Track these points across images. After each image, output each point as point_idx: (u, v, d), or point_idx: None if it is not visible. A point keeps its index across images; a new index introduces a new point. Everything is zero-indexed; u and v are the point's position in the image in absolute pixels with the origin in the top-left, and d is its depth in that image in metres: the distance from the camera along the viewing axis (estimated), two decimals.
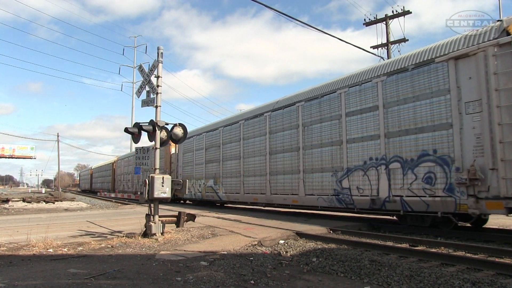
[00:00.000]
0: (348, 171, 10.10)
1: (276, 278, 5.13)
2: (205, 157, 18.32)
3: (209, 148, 18.10)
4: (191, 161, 19.93)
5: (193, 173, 19.38)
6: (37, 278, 4.59)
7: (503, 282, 4.32)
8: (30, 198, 28.95)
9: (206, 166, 18.17)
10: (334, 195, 10.50)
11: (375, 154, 9.41)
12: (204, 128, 19.73)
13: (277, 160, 12.97)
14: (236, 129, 15.83)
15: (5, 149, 60.93)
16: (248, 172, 14.67)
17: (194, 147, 19.71)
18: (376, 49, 23.52)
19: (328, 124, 10.96)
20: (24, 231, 8.45)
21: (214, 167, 17.38)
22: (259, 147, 14.06)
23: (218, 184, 16.84)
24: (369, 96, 9.75)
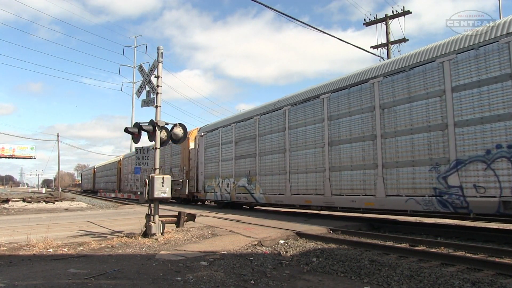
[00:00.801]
0: (458, 164, 7.67)
1: (276, 278, 5.13)
2: (235, 152, 15.58)
3: (240, 141, 15.33)
4: (215, 157, 17.34)
5: (219, 171, 16.82)
6: (37, 278, 4.59)
7: (503, 282, 4.32)
8: (30, 198, 28.95)
9: (236, 163, 15.47)
10: (435, 195, 8.03)
11: (507, 140, 6.96)
12: (233, 118, 16.80)
13: (341, 152, 10.39)
14: (278, 117, 13.11)
15: (5, 149, 60.95)
16: (297, 168, 12.04)
17: (219, 140, 16.98)
18: (376, 49, 23.54)
19: (423, 103, 8.41)
20: (24, 231, 8.45)
21: (247, 163, 14.70)
22: (312, 137, 11.42)
23: (254, 183, 14.14)
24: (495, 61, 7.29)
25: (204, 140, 18.52)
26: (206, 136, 18.37)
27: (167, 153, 23.55)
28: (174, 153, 22.89)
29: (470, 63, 7.68)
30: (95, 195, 44.15)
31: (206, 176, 18.06)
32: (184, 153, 21.42)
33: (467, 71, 7.72)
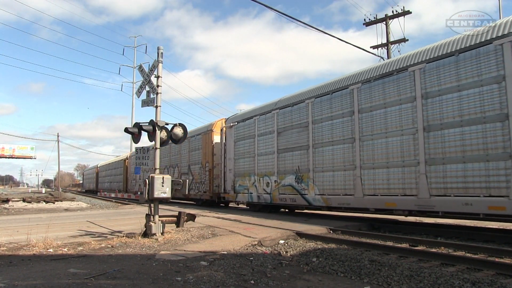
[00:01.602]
0: None
1: (276, 278, 5.13)
2: (278, 144, 12.89)
3: (285, 130, 12.62)
4: (249, 151, 14.58)
5: (254, 168, 14.10)
6: (37, 278, 4.59)
7: (503, 282, 4.32)
8: (30, 198, 28.95)
9: (279, 157, 12.82)
10: None
11: None
12: (273, 104, 13.73)
13: (445, 139, 7.99)
14: (342, 98, 10.61)
15: (5, 149, 60.93)
16: (372, 162, 9.53)
17: (255, 131, 14.24)
18: (376, 49, 23.54)
19: None
20: (24, 231, 8.45)
21: (296, 157, 12.09)
22: (397, 121, 9.00)
23: (306, 181, 11.53)
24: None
25: (234, 132, 15.63)
26: (236, 127, 15.54)
27: (184, 148, 21.07)
28: (194, 148, 20.14)
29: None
30: (96, 195, 44.08)
31: (236, 174, 15.25)
32: (207, 148, 18.54)
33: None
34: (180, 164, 21.80)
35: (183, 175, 20.79)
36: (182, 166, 21.53)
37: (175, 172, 22.19)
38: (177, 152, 22.08)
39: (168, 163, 23.23)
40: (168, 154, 23.14)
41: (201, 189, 18.87)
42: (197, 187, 19.34)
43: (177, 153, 22.16)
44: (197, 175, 19.39)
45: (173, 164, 22.75)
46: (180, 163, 21.81)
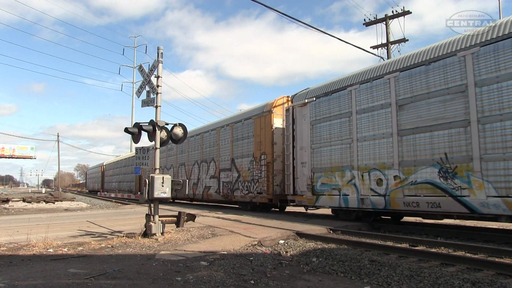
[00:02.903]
0: None
1: (276, 278, 5.13)
2: (399, 122, 9.07)
3: (414, 102, 8.82)
4: (340, 135, 10.56)
5: (352, 158, 10.11)
6: (37, 278, 4.59)
7: (503, 282, 4.32)
8: (30, 198, 28.95)
9: (403, 140, 8.95)
10: None
11: None
12: (385, 65, 9.93)
13: None
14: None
15: (5, 149, 60.94)
16: None
17: (352, 106, 10.23)
18: (376, 49, 23.54)
19: None
20: (24, 231, 8.45)
21: (440, 139, 8.18)
22: None
23: (464, 176, 7.74)
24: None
25: (311, 111, 11.64)
26: (315, 104, 11.55)
27: (224, 138, 16.74)
28: (240, 137, 15.53)
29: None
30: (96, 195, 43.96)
31: (316, 168, 11.26)
32: (263, 136, 13.94)
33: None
34: (218, 158, 17.20)
35: (223, 172, 16.66)
36: (221, 160, 16.90)
37: (209, 169, 18.02)
38: (213, 142, 17.86)
39: (199, 157, 19.09)
40: (199, 146, 19.32)
41: (253, 190, 14.20)
42: (246, 187, 14.76)
43: (213, 144, 17.83)
44: (246, 172, 14.77)
45: (206, 159, 18.34)
46: (218, 157, 17.21)
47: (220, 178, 16.88)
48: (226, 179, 16.41)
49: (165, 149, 22.59)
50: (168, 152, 23.24)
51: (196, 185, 19.26)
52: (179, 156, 21.90)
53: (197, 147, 19.57)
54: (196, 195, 19.42)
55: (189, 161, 20.38)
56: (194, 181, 19.49)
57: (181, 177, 20.45)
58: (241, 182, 15.26)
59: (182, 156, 21.52)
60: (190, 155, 20.41)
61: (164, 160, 23.15)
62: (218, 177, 17.06)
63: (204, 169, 18.57)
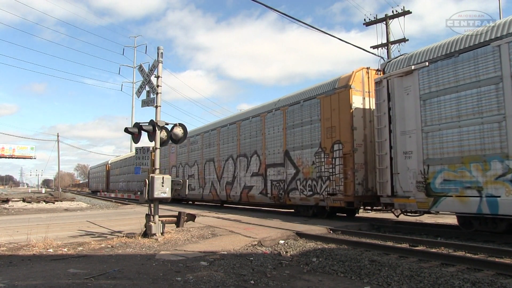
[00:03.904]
0: None
1: (276, 278, 5.13)
2: None
3: None
4: (480, 110, 7.58)
5: (502, 143, 7.16)
6: (37, 278, 4.59)
7: (503, 282, 4.32)
8: (30, 198, 28.96)
9: None
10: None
11: None
12: None
13: None
14: None
15: (5, 149, 60.94)
16: None
17: (503, 69, 7.25)
18: (376, 49, 23.54)
19: None
20: (24, 231, 8.45)
21: None
22: None
23: None
24: None
25: (420, 82, 8.71)
26: (427, 71, 8.58)
27: (273, 125, 13.37)
28: (299, 123, 12.18)
29: None
30: (96, 195, 43.88)
31: (432, 159, 8.35)
32: (335, 119, 10.86)
33: None
34: (263, 150, 13.82)
35: (272, 168, 13.28)
36: (269, 153, 13.49)
37: (251, 164, 14.59)
38: (256, 132, 14.46)
39: (235, 150, 15.83)
40: (234, 138, 15.99)
41: (321, 190, 11.05)
42: (309, 187, 11.51)
43: (256, 133, 14.43)
44: (309, 167, 11.59)
45: (246, 152, 14.96)
46: (263, 150, 13.84)
47: (267, 176, 13.58)
48: (276, 176, 13.14)
49: (187, 143, 19.93)
50: (191, 146, 20.16)
51: (231, 185, 15.91)
52: (205, 150, 18.53)
53: (231, 139, 16.19)
54: (230, 196, 15.98)
55: (221, 156, 17.00)
56: (228, 180, 16.18)
57: (209, 176, 17.92)
58: (300, 180, 11.92)
59: (210, 151, 18.13)
60: (222, 149, 17.02)
61: (184, 155, 20.67)
62: (264, 174, 13.73)
63: (243, 165, 15.13)
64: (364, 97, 10.84)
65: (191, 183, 19.41)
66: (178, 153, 21.81)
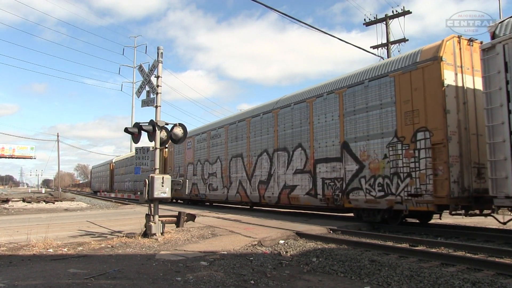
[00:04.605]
0: None
1: (276, 278, 5.13)
2: None
3: None
4: None
5: None
6: (37, 278, 4.59)
7: (503, 282, 4.32)
8: (30, 198, 28.96)
9: None
10: None
11: None
12: None
13: None
14: None
15: (5, 149, 60.96)
16: None
17: None
18: (376, 49, 23.54)
19: None
20: (24, 231, 8.45)
21: None
22: None
23: None
24: None
25: None
26: None
27: (326, 111, 11.16)
28: (362, 108, 10.00)
29: None
30: (98, 196, 43.81)
31: None
32: (418, 101, 8.71)
33: None
34: (310, 143, 11.70)
35: (324, 164, 11.10)
36: (318, 146, 11.38)
37: (293, 160, 12.34)
38: (300, 121, 12.22)
39: (271, 143, 13.49)
40: (270, 129, 13.63)
41: (397, 190, 8.92)
42: (379, 185, 9.45)
43: (300, 123, 12.22)
44: (378, 162, 9.49)
45: (286, 146, 12.72)
46: (310, 141, 11.72)
47: (317, 173, 11.30)
48: (330, 174, 10.87)
49: (207, 137, 17.94)
50: (212, 141, 17.72)
51: (266, 184, 13.49)
52: (231, 145, 16.09)
53: (265, 130, 13.87)
54: (264, 198, 13.58)
55: (252, 151, 14.55)
56: (262, 179, 13.76)
57: (236, 174, 15.51)
58: (365, 178, 9.82)
59: (237, 145, 15.70)
60: (253, 142, 14.59)
61: (203, 151, 18.33)
62: (312, 171, 11.46)
63: (282, 161, 12.86)
64: (456, 72, 8.60)
65: (212, 183, 17.35)
66: (195, 148, 19.39)
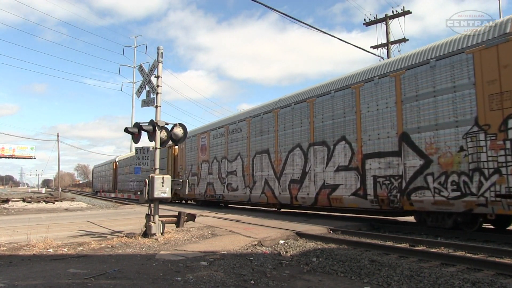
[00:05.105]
0: None
1: (276, 278, 5.13)
2: None
3: None
4: None
5: None
6: (37, 278, 4.59)
7: (503, 282, 4.32)
8: (30, 198, 28.96)
9: None
10: None
11: None
12: None
13: None
14: None
15: (5, 149, 60.98)
16: None
17: None
18: (376, 49, 23.55)
19: None
20: (24, 231, 8.45)
21: None
22: None
23: None
24: None
25: None
26: None
27: (379, 98, 9.56)
28: (429, 92, 8.44)
29: None
30: (98, 196, 43.80)
31: None
32: (508, 80, 7.16)
33: None
34: (357, 135, 10.07)
35: (376, 160, 9.55)
36: (368, 139, 9.82)
37: (334, 155, 10.75)
38: (347, 110, 10.49)
39: (304, 137, 11.89)
40: (304, 121, 12.02)
41: (479, 190, 7.48)
42: (453, 184, 7.91)
43: (346, 112, 10.50)
44: (451, 155, 8.03)
45: (326, 139, 11.09)
46: (357, 134, 10.09)
47: (367, 170, 9.74)
48: (384, 171, 9.30)
49: (225, 132, 16.49)
50: (231, 136, 16.19)
51: (299, 184, 11.90)
52: (255, 140, 14.45)
53: (298, 122, 12.24)
54: (297, 199, 11.99)
55: (281, 146, 12.95)
56: (294, 177, 12.21)
57: (261, 172, 13.81)
58: (433, 175, 8.31)
59: (262, 140, 14.05)
60: (282, 136, 13.00)
61: (221, 147, 16.76)
62: (361, 168, 9.89)
63: (320, 157, 11.23)
64: None
65: (231, 182, 15.79)
66: (211, 145, 17.86)
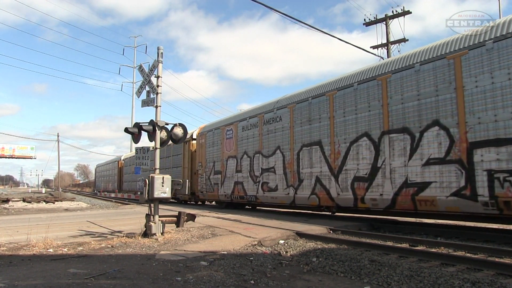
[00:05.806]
0: None
1: (276, 278, 5.13)
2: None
3: None
4: None
5: None
6: (37, 278, 4.59)
7: (503, 282, 4.32)
8: (30, 198, 28.96)
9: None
10: None
11: None
12: None
13: None
14: None
15: (5, 149, 61.01)
16: None
17: None
18: (376, 49, 23.56)
19: None
20: (24, 231, 8.45)
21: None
22: None
23: None
24: None
25: None
26: None
27: (502, 66, 6.95)
28: None
29: None
30: (98, 196, 43.81)
31: None
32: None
33: None
34: (461, 117, 7.70)
35: (492, 148, 7.14)
36: (478, 122, 7.40)
37: (422, 145, 8.39)
38: (439, 87, 8.13)
39: (378, 125, 9.43)
40: (375, 104, 9.58)
41: None
42: None
43: (439, 89, 8.13)
44: None
45: (408, 125, 8.71)
46: (460, 116, 7.72)
47: (476, 163, 7.44)
48: (506, 164, 7.06)
49: (258, 122, 14.17)
50: (266, 127, 13.79)
51: (367, 182, 9.69)
52: (300, 129, 12.12)
53: (364, 106, 9.88)
54: (364, 201, 9.71)
55: (339, 136, 10.59)
56: (359, 174, 9.95)
57: (310, 169, 11.54)
58: None
59: (311, 129, 11.70)
60: (339, 124, 10.65)
61: (253, 141, 14.47)
62: (465, 160, 7.61)
63: (398, 148, 8.94)
64: None
65: (268, 181, 13.37)
66: (239, 138, 15.37)
